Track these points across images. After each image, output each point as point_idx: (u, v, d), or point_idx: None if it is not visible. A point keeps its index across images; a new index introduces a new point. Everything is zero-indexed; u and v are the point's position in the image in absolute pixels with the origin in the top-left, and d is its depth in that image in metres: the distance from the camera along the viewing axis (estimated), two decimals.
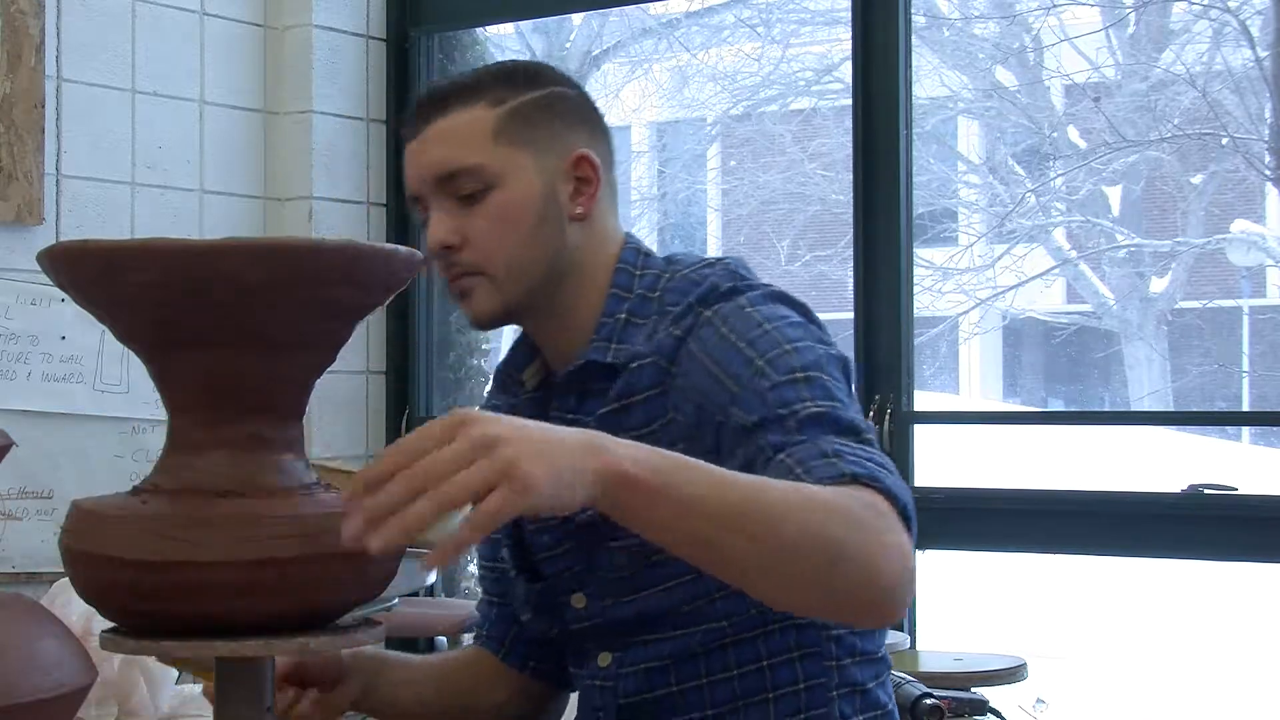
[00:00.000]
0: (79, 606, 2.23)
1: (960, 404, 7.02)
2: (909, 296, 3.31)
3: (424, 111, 1.61)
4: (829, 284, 6.26)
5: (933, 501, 3.11)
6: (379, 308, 1.26)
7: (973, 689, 2.92)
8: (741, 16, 6.28)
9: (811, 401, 1.44)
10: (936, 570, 3.17)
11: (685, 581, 1.55)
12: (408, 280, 1.25)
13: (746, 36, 6.33)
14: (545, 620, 1.69)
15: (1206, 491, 3.05)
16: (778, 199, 6.39)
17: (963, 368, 7.48)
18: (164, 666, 2.43)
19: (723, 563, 1.27)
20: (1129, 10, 5.62)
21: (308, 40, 3.80)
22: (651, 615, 1.58)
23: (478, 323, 1.62)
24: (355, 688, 1.63)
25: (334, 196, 3.85)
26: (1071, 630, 6.69)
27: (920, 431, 3.25)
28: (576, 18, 5.82)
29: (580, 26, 5.97)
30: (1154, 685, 6.09)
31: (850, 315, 3.29)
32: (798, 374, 1.46)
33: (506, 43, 5.56)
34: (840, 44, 5.57)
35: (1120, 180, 6.12)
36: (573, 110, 1.63)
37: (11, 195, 3.28)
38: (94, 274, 1.17)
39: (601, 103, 1.71)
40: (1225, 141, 5.54)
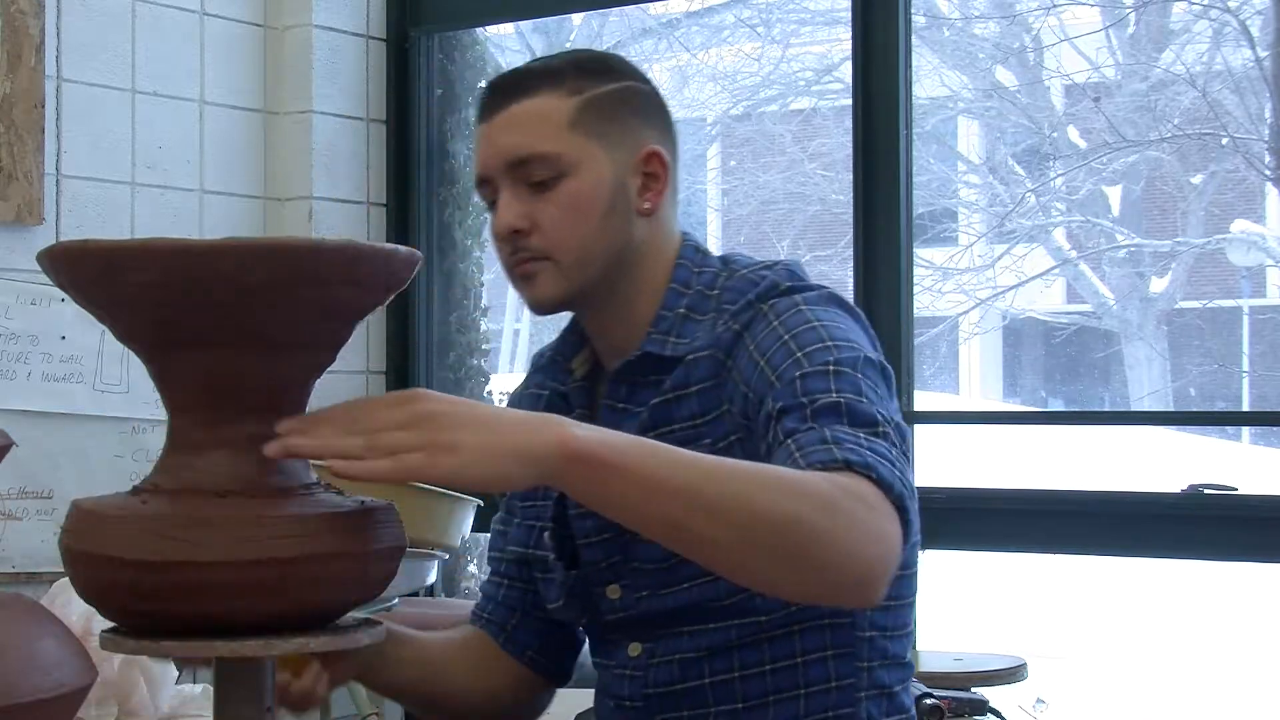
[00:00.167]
0: (79, 606, 2.23)
1: (960, 404, 7.02)
2: (909, 296, 3.31)
3: (501, 94, 1.62)
4: (829, 284, 6.25)
5: (933, 501, 3.10)
6: (379, 308, 1.26)
7: (973, 689, 2.92)
8: (741, 16, 6.28)
9: (835, 393, 1.44)
10: (936, 570, 3.17)
11: (720, 576, 1.55)
12: (408, 280, 1.24)
13: (746, 36, 6.33)
14: (576, 609, 1.69)
15: (1206, 491, 3.05)
16: (778, 199, 6.39)
17: (963, 368, 7.48)
18: (164, 666, 2.43)
19: (689, 544, 1.28)
20: (1129, 10, 5.62)
21: (308, 40, 3.80)
22: (686, 608, 1.58)
23: (538, 307, 1.63)
24: (356, 664, 1.62)
25: (334, 196, 3.85)
26: (1071, 630, 6.69)
27: (920, 431, 3.25)
28: (576, 18, 5.82)
29: (580, 26, 5.97)
30: (1154, 685, 6.09)
31: None
32: (830, 367, 1.47)
33: (506, 43, 5.56)
34: (840, 44, 5.57)
35: (1120, 180, 6.12)
36: (646, 106, 1.65)
37: (11, 195, 3.28)
38: (94, 274, 1.17)
39: None
40: (1225, 141, 5.54)
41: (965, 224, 6.49)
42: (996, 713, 2.87)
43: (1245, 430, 6.92)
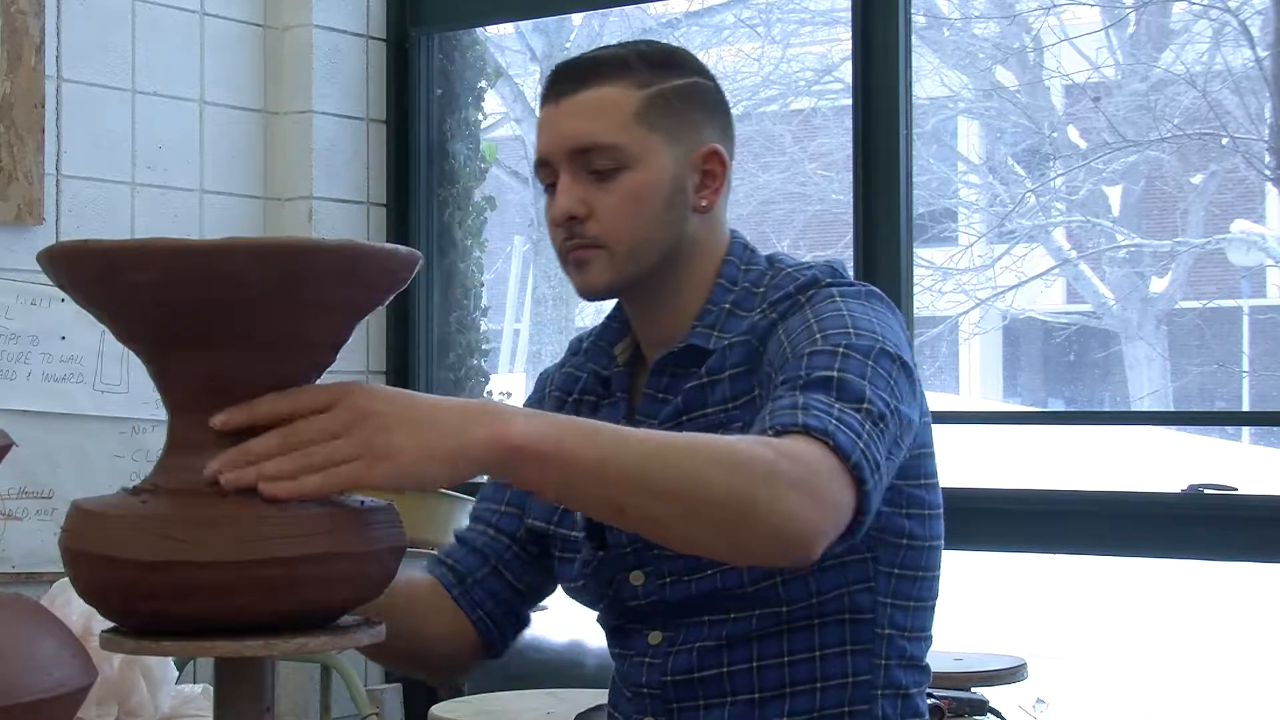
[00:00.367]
0: (79, 606, 2.23)
1: (960, 404, 7.01)
2: (909, 296, 3.31)
3: (569, 80, 1.63)
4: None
5: None
6: (379, 308, 1.26)
7: (973, 689, 2.92)
8: (741, 16, 6.28)
9: (835, 370, 1.45)
10: None
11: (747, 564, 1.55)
12: (408, 280, 1.24)
13: (746, 36, 6.32)
14: (594, 592, 1.69)
15: (1206, 491, 3.05)
16: (778, 199, 6.38)
17: (963, 368, 7.48)
18: (164, 666, 2.43)
19: (632, 523, 1.30)
20: (1129, 10, 5.62)
21: (308, 40, 3.80)
22: (709, 596, 1.59)
23: (589, 293, 1.65)
24: None
25: (334, 196, 3.86)
26: (1071, 630, 6.68)
27: None
28: (576, 18, 5.82)
29: (580, 26, 5.96)
30: (1154, 685, 6.09)
31: None
32: (840, 348, 1.48)
33: (506, 43, 5.56)
34: (840, 44, 5.57)
35: (1120, 180, 6.12)
36: (710, 103, 1.67)
37: (11, 195, 3.28)
38: (94, 274, 1.16)
39: None
40: (1225, 141, 5.54)
41: (965, 224, 6.49)
42: (996, 713, 2.87)
43: (1245, 430, 6.92)
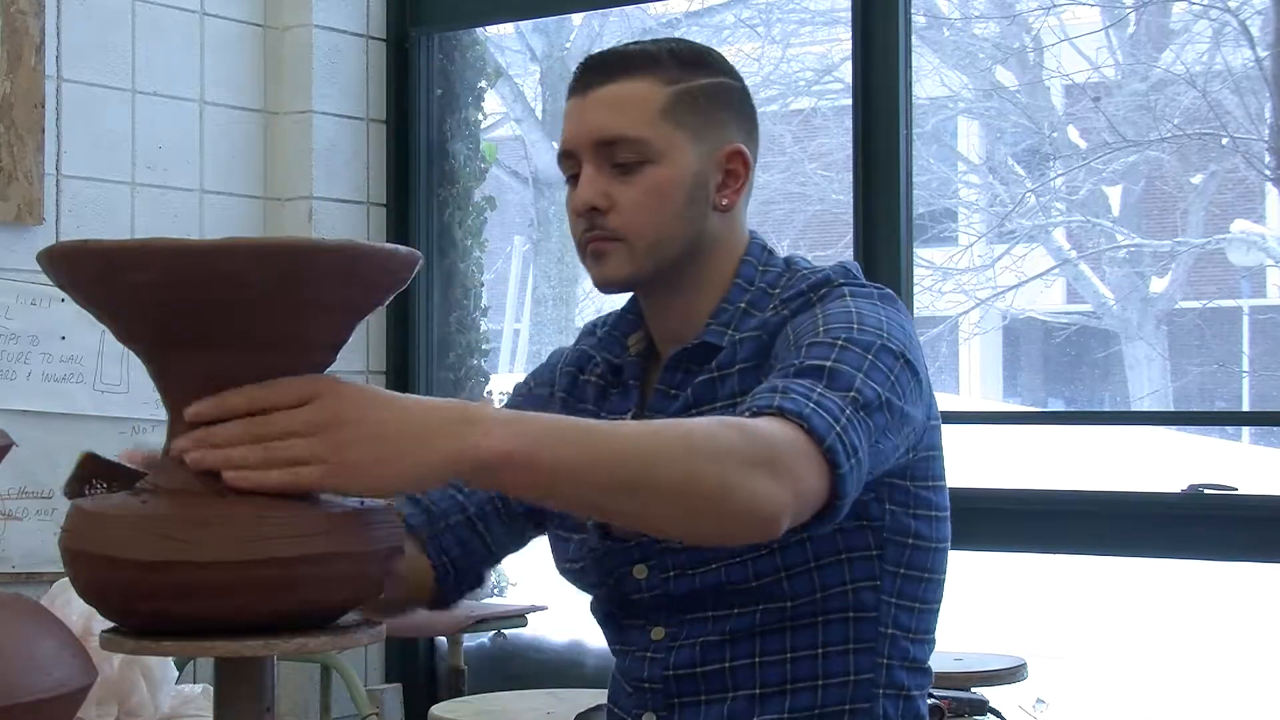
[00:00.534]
0: (79, 606, 2.23)
1: (960, 404, 7.01)
2: (909, 296, 3.31)
3: (598, 73, 1.64)
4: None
5: None
6: (379, 308, 1.26)
7: (973, 689, 2.93)
8: (741, 16, 6.28)
9: (830, 360, 1.46)
10: None
11: (751, 558, 1.56)
12: (408, 280, 1.24)
13: (746, 36, 6.33)
14: (594, 579, 1.68)
15: (1206, 491, 3.05)
16: (778, 199, 6.38)
17: (963, 368, 7.48)
18: (164, 666, 2.43)
19: (605, 517, 1.33)
20: (1129, 10, 5.62)
21: (308, 40, 3.80)
22: (713, 590, 1.59)
23: (606, 286, 1.65)
24: None
25: (334, 196, 3.86)
26: (1071, 630, 6.68)
27: None
28: (576, 18, 5.82)
29: (580, 26, 5.97)
30: (1154, 685, 6.09)
31: None
32: (839, 341, 1.49)
33: (506, 43, 5.56)
34: (840, 44, 5.58)
35: (1120, 180, 6.12)
36: (736, 103, 1.68)
37: (11, 195, 3.28)
38: (94, 274, 1.16)
39: None
40: (1225, 141, 5.54)
41: (965, 224, 6.49)
42: (996, 713, 2.87)
43: (1245, 430, 6.92)
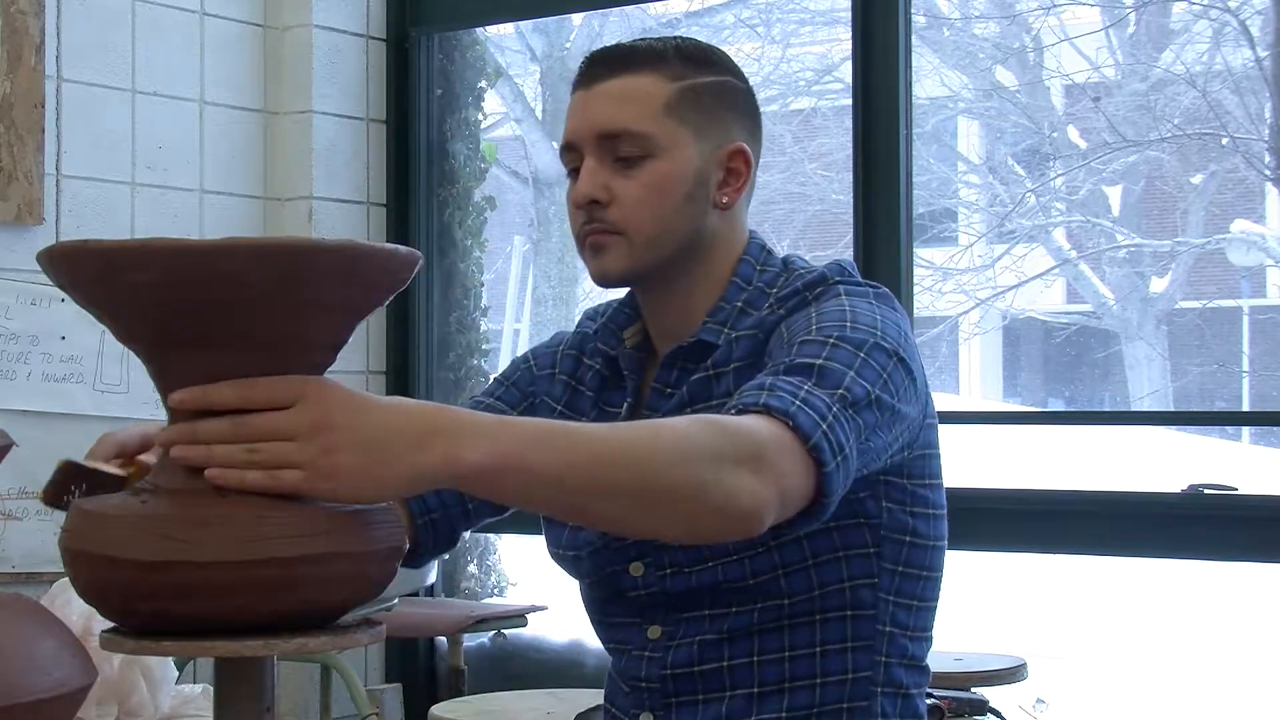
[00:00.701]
0: (79, 606, 2.23)
1: (960, 404, 7.01)
2: (909, 296, 3.31)
3: (603, 67, 1.65)
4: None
5: None
6: (379, 308, 1.26)
7: (973, 689, 2.93)
8: (741, 16, 6.28)
9: (820, 359, 1.46)
10: None
11: (749, 555, 1.56)
12: (408, 280, 1.24)
13: (746, 36, 6.32)
14: (589, 570, 1.69)
15: (1206, 491, 3.05)
16: (777, 199, 6.38)
17: (963, 368, 7.48)
18: (164, 666, 2.43)
19: (591, 520, 1.34)
20: (1129, 10, 5.62)
21: (308, 40, 3.81)
22: (710, 588, 1.59)
23: (603, 280, 1.66)
24: None
25: (334, 196, 3.86)
26: (1071, 630, 6.68)
27: None
28: (576, 18, 5.82)
29: (580, 26, 5.96)
30: (1154, 685, 6.09)
31: None
32: (831, 339, 1.49)
33: (506, 43, 5.56)
34: (840, 44, 5.57)
35: (1120, 180, 6.12)
36: (740, 102, 1.69)
37: (11, 195, 3.28)
38: (94, 274, 1.16)
39: None
40: (1225, 141, 5.54)
41: (965, 224, 6.49)
42: (996, 713, 2.87)
43: (1245, 430, 6.92)
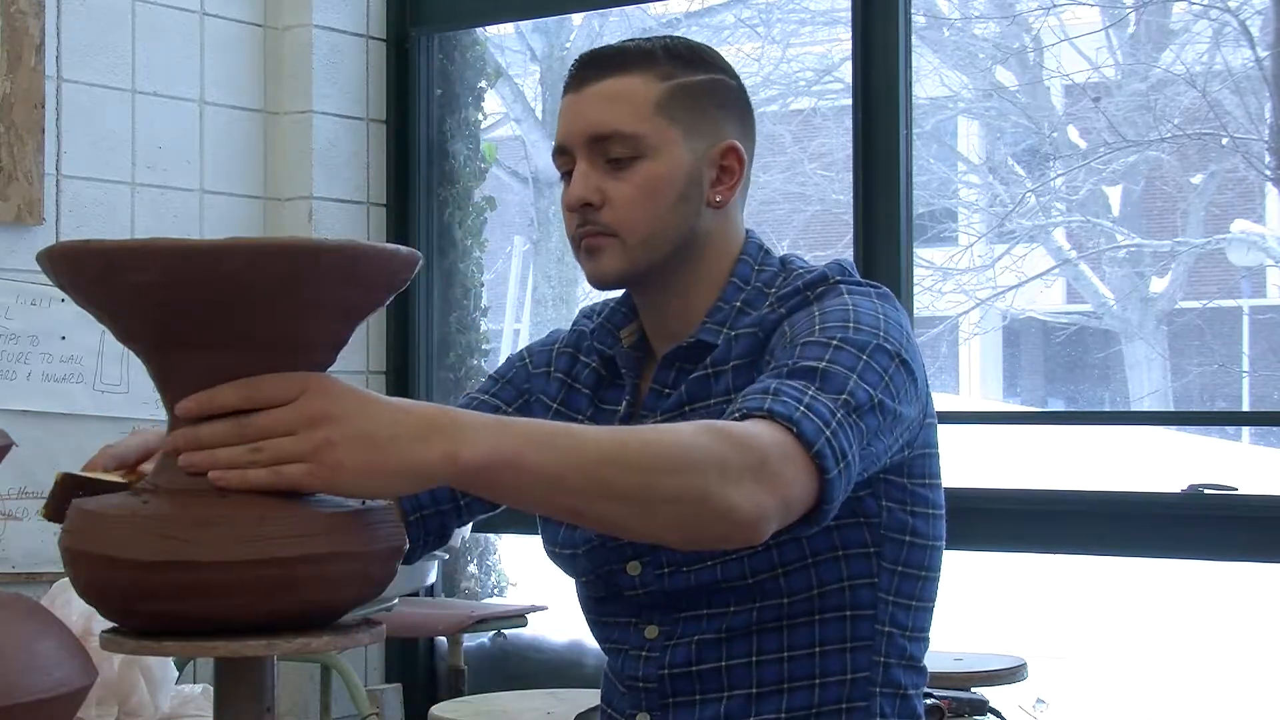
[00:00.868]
0: (79, 606, 2.23)
1: (960, 404, 7.02)
2: (909, 296, 3.31)
3: (592, 69, 1.65)
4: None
5: None
6: (379, 308, 1.25)
7: (973, 689, 2.93)
8: (741, 16, 6.28)
9: (824, 361, 1.45)
10: None
11: (747, 554, 1.55)
12: (408, 281, 1.24)
13: (746, 36, 6.33)
14: (585, 569, 1.68)
15: (1206, 491, 3.05)
16: (777, 199, 6.39)
17: (963, 368, 7.49)
18: (164, 666, 2.43)
19: (589, 523, 1.32)
20: (1129, 10, 5.62)
21: (308, 40, 3.81)
22: (708, 587, 1.59)
23: (600, 281, 1.66)
24: None
25: (334, 196, 3.86)
26: (1071, 630, 6.68)
27: None
28: (576, 18, 5.82)
29: (580, 26, 5.97)
30: (1154, 685, 6.09)
31: None
32: (834, 340, 1.48)
33: (506, 43, 5.56)
34: (840, 44, 5.58)
35: (1120, 180, 6.12)
36: (731, 100, 1.68)
37: (11, 195, 3.28)
38: (94, 274, 1.16)
39: None
40: (1225, 141, 5.54)
41: (965, 224, 6.49)
42: (996, 713, 2.87)
43: (1245, 430, 6.92)
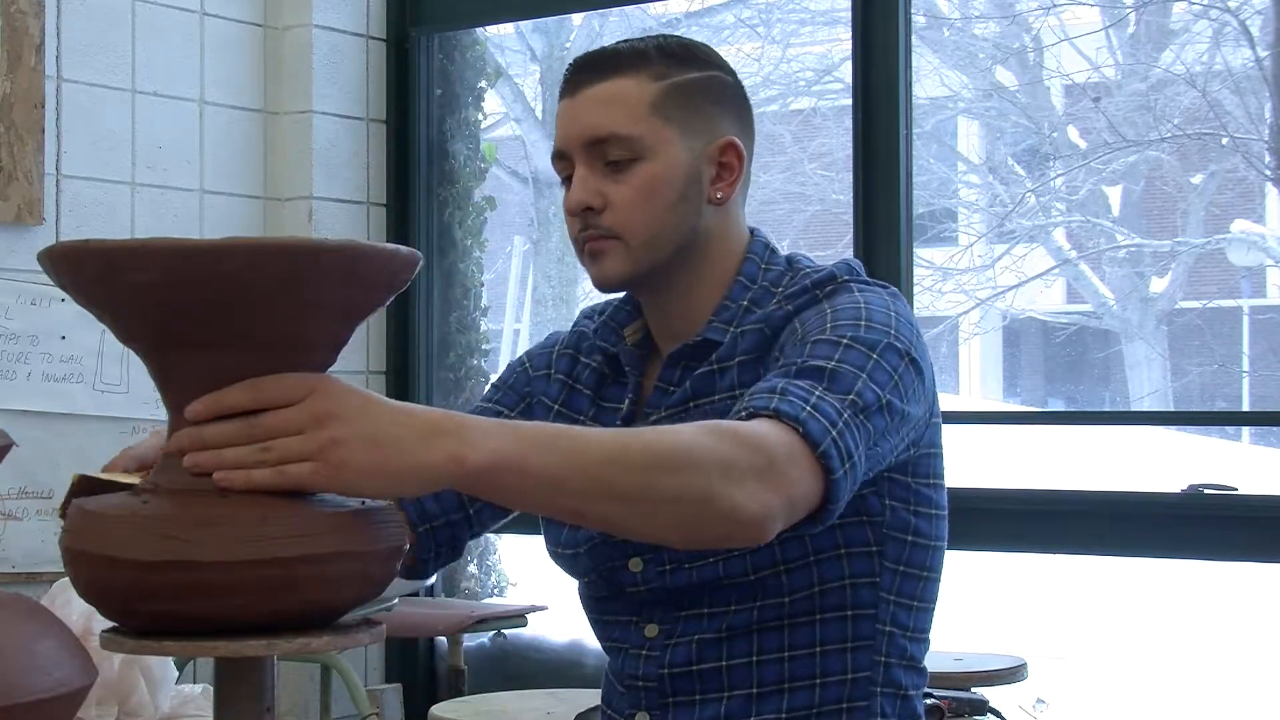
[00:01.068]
0: (79, 606, 2.23)
1: (960, 404, 7.02)
2: (909, 297, 3.31)
3: (586, 72, 1.64)
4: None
5: None
6: (379, 308, 1.25)
7: (973, 689, 2.93)
8: (741, 16, 6.28)
9: (833, 360, 1.45)
10: None
11: (749, 551, 1.55)
12: (408, 281, 1.24)
13: (746, 36, 6.33)
14: (588, 568, 1.68)
15: (1206, 491, 3.05)
16: (777, 199, 6.39)
17: (963, 368, 7.49)
18: (164, 666, 2.43)
19: (591, 523, 1.33)
20: (1129, 10, 5.62)
21: (308, 40, 3.81)
22: (710, 584, 1.59)
23: (604, 284, 1.65)
24: None
25: (334, 196, 3.86)
26: (1071, 630, 6.69)
27: None
28: (576, 18, 5.82)
29: (580, 26, 5.97)
30: (1154, 685, 6.09)
31: None
32: (844, 339, 1.48)
33: (506, 43, 5.56)
34: (840, 44, 5.58)
35: (1120, 180, 6.12)
36: (728, 97, 1.67)
37: (11, 195, 3.28)
38: (94, 274, 1.16)
39: None
40: (1225, 141, 5.54)
41: (965, 224, 6.49)
42: (996, 713, 2.87)
43: (1245, 430, 6.93)
